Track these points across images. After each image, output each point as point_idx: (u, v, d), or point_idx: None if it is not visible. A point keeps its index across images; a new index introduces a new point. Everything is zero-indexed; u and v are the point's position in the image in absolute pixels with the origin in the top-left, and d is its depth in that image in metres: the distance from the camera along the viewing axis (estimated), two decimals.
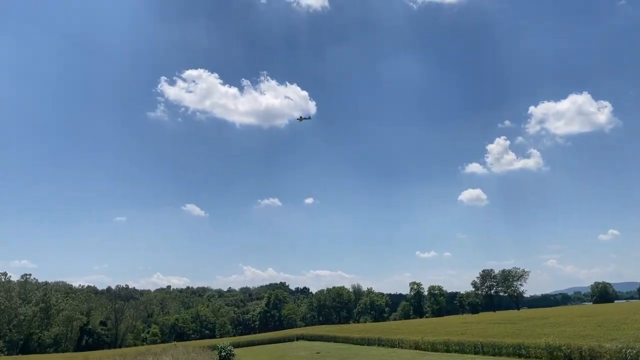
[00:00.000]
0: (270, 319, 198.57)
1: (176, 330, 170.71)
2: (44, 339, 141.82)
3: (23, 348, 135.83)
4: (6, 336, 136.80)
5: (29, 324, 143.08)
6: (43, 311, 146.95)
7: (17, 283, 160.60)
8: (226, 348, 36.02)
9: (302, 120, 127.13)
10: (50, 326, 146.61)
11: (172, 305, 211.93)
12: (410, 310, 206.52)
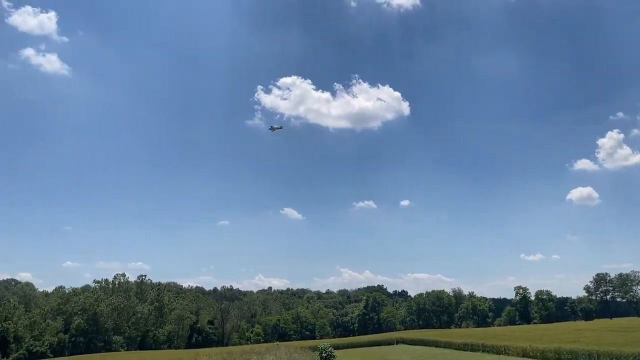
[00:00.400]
0: (369, 321, 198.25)
1: (278, 331, 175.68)
2: (159, 336, 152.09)
3: (140, 344, 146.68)
4: (125, 333, 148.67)
5: (145, 322, 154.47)
6: (157, 310, 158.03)
7: (134, 283, 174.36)
8: (327, 349, 36.36)
9: (274, 130, 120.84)
10: (164, 324, 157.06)
11: (274, 306, 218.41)
12: (515, 315, 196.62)
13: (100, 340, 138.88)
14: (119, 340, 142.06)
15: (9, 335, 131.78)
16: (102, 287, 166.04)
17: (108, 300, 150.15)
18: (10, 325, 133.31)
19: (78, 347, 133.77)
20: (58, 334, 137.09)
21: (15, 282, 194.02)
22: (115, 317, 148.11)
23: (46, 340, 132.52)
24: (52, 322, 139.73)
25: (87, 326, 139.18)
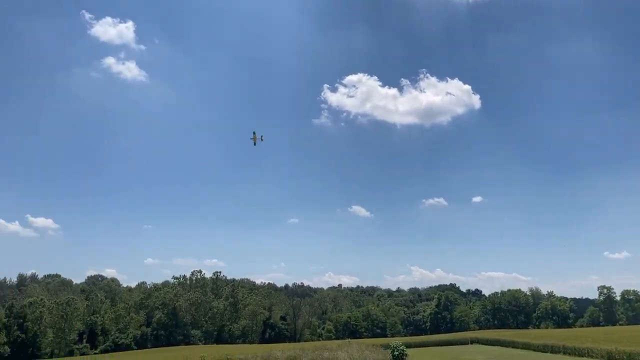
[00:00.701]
0: (441, 320, 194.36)
1: (349, 328, 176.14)
2: (234, 331, 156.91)
3: (217, 338, 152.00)
4: (203, 327, 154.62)
5: (221, 317, 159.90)
6: (232, 305, 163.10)
7: (209, 279, 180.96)
8: (399, 347, 36.06)
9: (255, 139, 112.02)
10: (239, 319, 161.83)
11: (344, 304, 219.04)
12: (599, 316, 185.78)
13: (179, 333, 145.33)
14: (197, 334, 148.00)
15: (97, 327, 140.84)
16: (180, 282, 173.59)
17: (186, 295, 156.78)
18: (98, 319, 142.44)
19: (159, 340, 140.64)
20: (141, 327, 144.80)
21: (101, 278, 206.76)
22: (193, 312, 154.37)
23: (130, 332, 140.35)
24: (135, 316, 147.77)
25: (167, 320, 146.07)
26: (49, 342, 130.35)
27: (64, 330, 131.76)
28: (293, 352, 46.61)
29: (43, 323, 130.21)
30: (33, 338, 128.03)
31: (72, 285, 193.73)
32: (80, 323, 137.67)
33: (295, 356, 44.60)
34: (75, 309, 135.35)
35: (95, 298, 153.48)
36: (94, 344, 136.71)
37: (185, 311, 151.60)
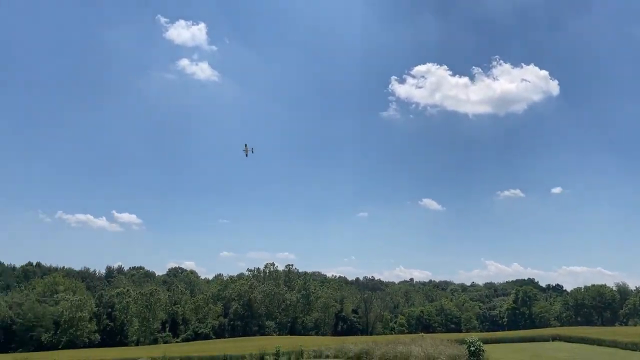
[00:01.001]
0: (519, 316, 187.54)
1: (422, 322, 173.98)
2: (307, 323, 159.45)
3: (291, 329, 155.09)
4: (277, 318, 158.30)
5: (294, 309, 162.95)
6: (304, 297, 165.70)
7: (282, 272, 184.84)
8: (475, 343, 35.17)
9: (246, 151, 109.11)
10: (311, 311, 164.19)
11: (416, 298, 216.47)
12: None
13: (255, 324, 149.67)
14: (271, 325, 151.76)
15: (178, 317, 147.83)
16: (255, 275, 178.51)
17: (260, 287, 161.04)
18: (179, 309, 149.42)
19: (236, 330, 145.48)
20: (219, 318, 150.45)
21: (181, 270, 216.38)
22: (267, 304, 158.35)
23: (209, 322, 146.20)
24: (213, 307, 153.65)
25: (243, 311, 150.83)
26: (134, 330, 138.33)
27: (148, 319, 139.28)
28: (366, 345, 46.67)
29: (129, 312, 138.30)
30: (121, 326, 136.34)
31: (154, 277, 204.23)
32: (162, 313, 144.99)
33: (368, 349, 44.64)
34: (158, 299, 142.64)
35: (176, 289, 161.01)
36: (175, 332, 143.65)
37: (259, 303, 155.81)
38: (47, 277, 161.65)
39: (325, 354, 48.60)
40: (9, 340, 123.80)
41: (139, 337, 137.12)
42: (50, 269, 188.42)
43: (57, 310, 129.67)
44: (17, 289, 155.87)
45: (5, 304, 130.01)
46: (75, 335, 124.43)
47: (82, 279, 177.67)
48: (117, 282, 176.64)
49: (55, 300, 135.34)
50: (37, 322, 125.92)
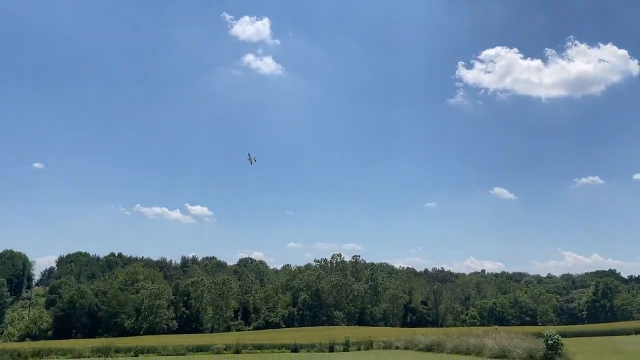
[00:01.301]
0: (599, 309, 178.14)
1: (494, 315, 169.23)
2: (375, 313, 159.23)
3: (359, 320, 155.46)
4: (345, 309, 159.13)
5: (362, 299, 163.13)
6: (372, 288, 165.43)
7: (349, 263, 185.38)
8: (553, 336, 33.63)
9: (251, 160, 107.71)
10: (379, 302, 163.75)
11: (488, 290, 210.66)
12: None
13: (323, 314, 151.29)
14: (339, 316, 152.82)
15: (249, 306, 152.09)
16: (322, 265, 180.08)
17: (327, 278, 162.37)
18: (250, 298, 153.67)
19: (305, 319, 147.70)
20: (288, 307, 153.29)
21: (251, 261, 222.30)
22: (335, 294, 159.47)
23: (279, 312, 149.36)
24: (282, 296, 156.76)
25: (311, 301, 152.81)
26: (209, 317, 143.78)
27: (221, 307, 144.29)
28: (437, 337, 45.83)
29: (204, 301, 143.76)
30: (196, 314, 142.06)
31: (226, 266, 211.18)
32: (234, 301, 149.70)
33: (439, 341, 43.82)
34: (230, 288, 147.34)
35: (247, 279, 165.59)
36: (247, 321, 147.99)
37: (327, 293, 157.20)
38: (128, 266, 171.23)
39: (395, 345, 48.25)
40: (96, 325, 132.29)
41: (213, 325, 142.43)
42: (131, 259, 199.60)
43: (138, 298, 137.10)
44: (102, 278, 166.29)
45: (92, 291, 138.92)
46: (155, 322, 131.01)
47: (159, 268, 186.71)
48: (192, 272, 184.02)
49: (136, 289, 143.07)
50: (120, 309, 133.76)
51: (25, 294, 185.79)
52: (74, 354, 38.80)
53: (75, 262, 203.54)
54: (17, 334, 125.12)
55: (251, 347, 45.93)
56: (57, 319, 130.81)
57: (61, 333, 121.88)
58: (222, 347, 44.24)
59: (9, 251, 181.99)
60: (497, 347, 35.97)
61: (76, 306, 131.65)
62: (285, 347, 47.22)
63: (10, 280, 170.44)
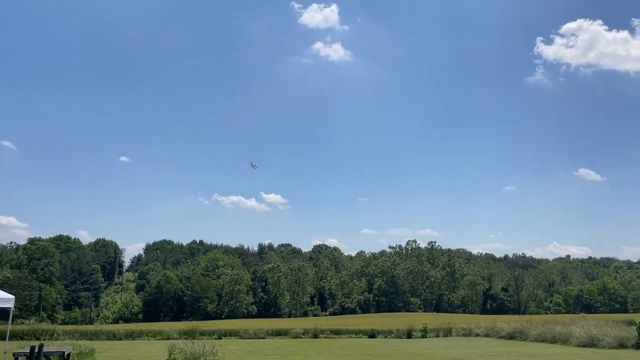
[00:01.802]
0: None
1: (581, 302, 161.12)
2: (453, 300, 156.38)
3: (436, 306, 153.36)
4: (421, 295, 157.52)
5: (439, 286, 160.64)
6: (449, 275, 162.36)
7: (424, 249, 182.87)
8: None
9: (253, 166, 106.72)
10: (457, 289, 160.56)
11: (574, 276, 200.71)
12: None
13: (399, 300, 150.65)
14: (416, 302, 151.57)
15: (325, 292, 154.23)
16: (397, 252, 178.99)
17: (403, 264, 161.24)
18: (325, 284, 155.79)
19: (381, 306, 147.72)
20: (363, 293, 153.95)
21: (325, 247, 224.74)
22: (411, 280, 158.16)
23: (355, 298, 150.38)
24: (357, 282, 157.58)
25: (387, 287, 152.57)
26: (286, 303, 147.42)
27: (297, 293, 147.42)
28: (519, 324, 44.23)
29: (281, 286, 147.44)
30: (274, 299, 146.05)
31: (301, 253, 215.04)
32: (310, 287, 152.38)
33: (522, 329, 42.27)
34: (305, 274, 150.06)
35: (322, 265, 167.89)
36: (323, 306, 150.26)
37: (403, 279, 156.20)
38: (209, 253, 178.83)
39: (475, 332, 47.15)
40: (181, 309, 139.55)
41: (290, 310, 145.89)
42: (211, 246, 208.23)
43: (219, 283, 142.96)
44: (185, 264, 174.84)
45: (177, 277, 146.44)
46: (236, 306, 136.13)
47: (238, 255, 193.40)
48: (269, 258, 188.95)
49: (217, 275, 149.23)
50: (203, 294, 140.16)
51: (117, 280, 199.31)
52: (162, 335, 41.07)
53: (160, 249, 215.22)
54: (111, 316, 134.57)
55: (329, 332, 46.55)
56: (146, 303, 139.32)
57: (150, 316, 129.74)
58: (301, 332, 45.16)
59: (102, 240, 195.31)
60: (585, 336, 34.19)
61: (163, 291, 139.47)
62: (362, 333, 47.45)
63: (104, 267, 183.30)
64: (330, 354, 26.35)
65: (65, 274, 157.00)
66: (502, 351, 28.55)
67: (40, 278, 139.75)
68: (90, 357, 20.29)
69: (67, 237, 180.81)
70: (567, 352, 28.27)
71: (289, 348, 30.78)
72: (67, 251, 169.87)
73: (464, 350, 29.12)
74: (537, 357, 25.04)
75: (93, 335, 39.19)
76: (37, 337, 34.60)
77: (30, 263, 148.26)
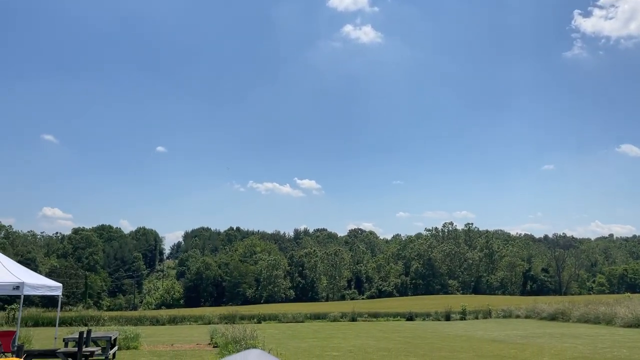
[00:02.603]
0: None
1: (625, 281, 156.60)
2: (491, 282, 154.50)
3: (475, 288, 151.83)
4: (459, 277, 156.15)
5: (477, 268, 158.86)
6: (487, 257, 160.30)
7: (461, 231, 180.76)
8: None
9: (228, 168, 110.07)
10: (496, 270, 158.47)
11: (618, 255, 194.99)
12: None
13: (437, 283, 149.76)
14: (454, 284, 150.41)
15: (362, 275, 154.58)
16: (433, 234, 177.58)
17: (439, 247, 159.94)
18: (362, 268, 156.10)
19: (418, 288, 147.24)
20: (400, 276, 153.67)
21: (361, 231, 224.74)
22: (448, 263, 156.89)
23: (391, 281, 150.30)
24: (394, 266, 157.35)
25: (424, 270, 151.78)
26: (323, 287, 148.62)
27: (334, 277, 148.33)
28: (561, 305, 43.36)
29: (317, 271, 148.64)
30: (311, 283, 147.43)
31: (337, 237, 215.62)
32: (347, 271, 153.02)
33: (564, 310, 41.41)
34: (342, 258, 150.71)
35: (358, 249, 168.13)
36: (360, 290, 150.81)
37: (440, 262, 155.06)
38: (246, 239, 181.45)
39: (515, 314, 46.50)
40: (221, 294, 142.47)
41: (327, 294, 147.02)
42: (248, 233, 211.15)
43: (257, 269, 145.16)
44: (223, 251, 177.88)
45: (215, 263, 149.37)
46: (274, 291, 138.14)
47: (274, 241, 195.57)
48: (305, 243, 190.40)
49: (254, 260, 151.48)
50: (241, 280, 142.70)
51: (158, 267, 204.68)
52: (204, 320, 42.00)
53: (199, 236, 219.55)
54: (154, 302, 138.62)
55: (366, 315, 46.71)
56: (187, 288, 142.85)
57: (191, 301, 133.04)
58: (339, 315, 45.44)
59: (142, 228, 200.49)
60: (630, 316, 33.25)
61: (203, 277, 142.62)
62: (400, 316, 47.42)
63: (145, 255, 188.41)
64: (369, 337, 26.45)
65: (109, 262, 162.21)
66: (544, 332, 28.06)
67: (85, 267, 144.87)
68: (135, 342, 20.94)
69: (109, 226, 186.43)
70: (612, 332, 27.57)
71: (327, 331, 31.05)
72: (109, 240, 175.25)
73: (504, 332, 28.76)
74: (580, 337, 24.51)
75: (137, 321, 40.46)
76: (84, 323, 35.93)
77: (76, 252, 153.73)
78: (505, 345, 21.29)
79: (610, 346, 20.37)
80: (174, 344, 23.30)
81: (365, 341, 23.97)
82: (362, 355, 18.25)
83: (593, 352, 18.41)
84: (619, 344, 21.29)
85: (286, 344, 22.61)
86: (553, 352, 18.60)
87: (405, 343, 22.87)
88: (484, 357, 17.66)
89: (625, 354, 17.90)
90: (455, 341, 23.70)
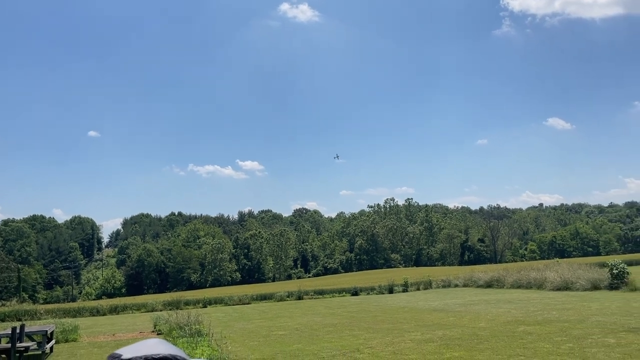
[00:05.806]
0: None
1: (555, 248, 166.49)
2: (432, 254, 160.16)
3: (416, 261, 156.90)
4: (401, 251, 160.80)
5: (418, 241, 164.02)
6: (427, 230, 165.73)
7: (402, 206, 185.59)
8: (618, 265, 32.70)
9: None
10: (435, 243, 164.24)
11: (547, 223, 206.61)
12: None
13: (380, 257, 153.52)
14: (396, 258, 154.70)
15: (308, 254, 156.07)
16: (375, 211, 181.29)
17: (382, 222, 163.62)
18: (308, 246, 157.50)
19: (363, 264, 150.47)
20: (345, 253, 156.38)
21: (305, 211, 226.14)
22: (391, 237, 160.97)
23: (337, 258, 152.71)
24: (339, 243, 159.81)
25: (367, 246, 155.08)
26: (270, 268, 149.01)
27: (280, 257, 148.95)
28: (496, 273, 45.57)
29: (263, 252, 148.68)
30: (257, 265, 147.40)
31: (282, 218, 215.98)
32: (293, 251, 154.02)
33: (499, 277, 43.58)
34: (287, 238, 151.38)
35: (303, 228, 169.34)
36: (307, 268, 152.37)
37: (383, 237, 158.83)
38: (188, 224, 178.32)
39: (454, 284, 48.44)
40: (164, 281, 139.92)
41: (274, 274, 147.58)
42: (190, 217, 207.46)
43: (201, 253, 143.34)
44: (165, 237, 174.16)
45: (157, 250, 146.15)
46: (219, 275, 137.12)
47: (218, 224, 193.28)
48: (249, 225, 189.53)
49: (198, 245, 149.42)
50: (185, 265, 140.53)
51: (97, 256, 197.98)
52: (147, 308, 41.12)
53: (139, 223, 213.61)
54: (94, 293, 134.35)
55: (313, 293, 47.26)
56: (128, 277, 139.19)
57: (134, 290, 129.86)
58: (285, 295, 45.70)
59: (78, 217, 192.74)
60: (559, 280, 35.40)
61: (145, 264, 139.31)
62: (346, 291, 48.31)
63: (82, 244, 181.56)
64: (315, 314, 26.81)
65: (43, 254, 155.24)
66: (481, 299, 29.44)
67: (18, 259, 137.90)
68: (74, 334, 20.23)
69: (41, 216, 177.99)
70: (543, 296, 29.28)
71: (274, 311, 31.20)
72: (42, 231, 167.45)
73: (444, 301, 29.94)
74: (513, 302, 25.90)
75: (76, 313, 39.05)
76: (18, 318, 34.30)
77: (6, 245, 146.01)
78: (445, 314, 22.18)
79: (541, 309, 21.65)
80: (116, 333, 22.70)
81: (311, 318, 24.27)
82: (308, 332, 18.49)
83: (525, 316, 19.52)
84: (549, 306, 22.67)
85: (232, 326, 22.55)
86: (489, 317, 19.57)
87: (350, 318, 23.36)
88: (425, 326, 18.33)
89: (555, 315, 19.09)
90: (398, 313, 24.44)
